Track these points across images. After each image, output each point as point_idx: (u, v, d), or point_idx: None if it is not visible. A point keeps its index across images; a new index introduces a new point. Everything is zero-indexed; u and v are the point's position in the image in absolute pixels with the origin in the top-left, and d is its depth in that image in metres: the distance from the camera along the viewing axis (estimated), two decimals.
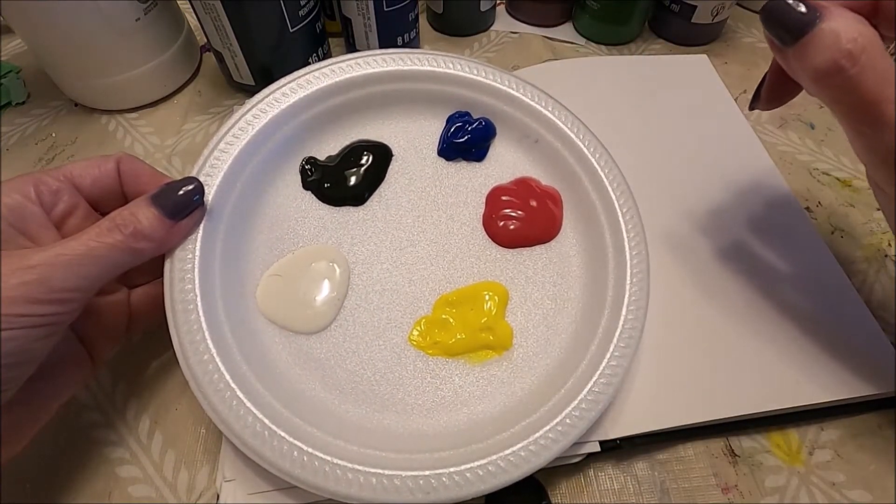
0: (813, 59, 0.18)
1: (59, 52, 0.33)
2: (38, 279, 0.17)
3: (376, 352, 0.25)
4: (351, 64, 0.28)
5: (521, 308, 0.26)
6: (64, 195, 0.21)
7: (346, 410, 0.23)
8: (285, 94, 0.27)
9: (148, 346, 0.27)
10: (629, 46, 0.43)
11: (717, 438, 0.25)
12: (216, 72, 0.39)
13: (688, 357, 0.26)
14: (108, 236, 0.19)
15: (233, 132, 0.25)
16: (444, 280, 0.26)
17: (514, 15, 0.45)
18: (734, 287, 0.28)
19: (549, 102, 0.29)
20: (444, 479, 0.20)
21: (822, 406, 0.25)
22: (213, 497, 0.23)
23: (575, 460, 0.23)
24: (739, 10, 0.46)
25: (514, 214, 0.28)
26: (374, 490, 0.20)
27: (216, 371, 0.21)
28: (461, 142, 0.29)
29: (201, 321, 0.21)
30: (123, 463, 0.24)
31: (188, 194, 0.22)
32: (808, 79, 0.18)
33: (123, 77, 0.35)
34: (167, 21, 0.36)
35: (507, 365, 0.25)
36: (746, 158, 0.34)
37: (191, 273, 0.22)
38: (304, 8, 0.34)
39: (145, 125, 0.37)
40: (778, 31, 0.19)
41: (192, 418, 0.25)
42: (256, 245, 0.26)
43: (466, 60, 0.29)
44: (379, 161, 0.29)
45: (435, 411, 0.23)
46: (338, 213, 0.28)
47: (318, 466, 0.20)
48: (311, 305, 0.25)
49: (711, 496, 0.23)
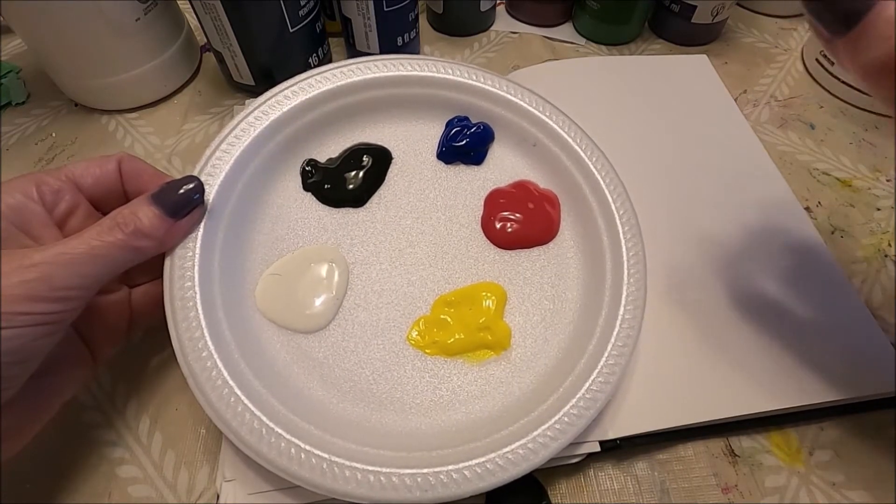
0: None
1: (59, 52, 0.33)
2: (40, 277, 0.17)
3: (375, 351, 0.25)
4: (352, 68, 0.28)
5: (520, 308, 0.26)
6: (65, 195, 0.21)
7: (345, 409, 0.23)
8: (287, 97, 0.27)
9: (148, 345, 0.27)
10: (629, 46, 0.43)
11: (717, 438, 0.25)
12: (216, 72, 0.39)
13: (687, 357, 0.26)
14: (108, 235, 0.19)
15: (235, 133, 0.25)
16: (443, 281, 0.27)
17: (514, 15, 0.45)
18: (734, 287, 0.28)
19: (547, 107, 0.29)
20: (442, 477, 0.20)
21: (822, 406, 0.25)
22: (213, 497, 0.23)
23: (575, 460, 0.23)
24: (739, 10, 0.46)
25: (512, 217, 0.28)
26: (373, 488, 0.20)
27: (214, 368, 0.21)
28: (460, 145, 0.29)
29: (200, 319, 0.22)
30: (123, 463, 0.24)
31: (188, 193, 0.22)
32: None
33: (123, 77, 0.35)
34: (167, 21, 0.36)
35: (506, 365, 0.25)
36: (746, 158, 0.34)
37: (190, 271, 0.22)
38: (304, 8, 0.34)
39: (145, 125, 0.37)
40: (825, 19, 0.16)
41: (192, 418, 0.25)
42: (256, 244, 0.26)
43: (465, 66, 0.30)
44: (379, 163, 0.29)
45: (433, 410, 0.24)
46: (337, 214, 0.28)
47: (315, 464, 0.20)
48: (310, 305, 0.25)
49: (711, 496, 0.24)
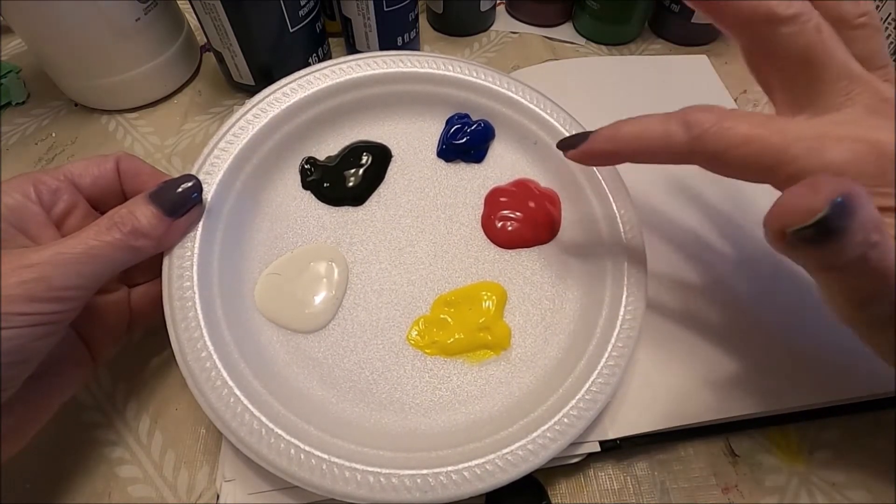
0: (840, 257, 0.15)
1: (59, 52, 0.33)
2: (38, 278, 0.17)
3: (374, 351, 0.25)
4: (351, 65, 0.28)
5: (520, 308, 0.26)
6: (64, 194, 0.21)
7: (344, 409, 0.23)
8: (286, 94, 0.27)
9: (148, 345, 0.27)
10: (629, 46, 0.43)
11: (717, 438, 0.25)
12: (216, 72, 0.39)
13: (687, 357, 0.26)
14: (106, 234, 0.19)
15: (233, 131, 0.25)
16: (443, 280, 0.26)
17: (514, 15, 0.45)
18: (734, 286, 0.28)
19: (548, 105, 0.29)
20: (442, 478, 0.20)
21: (822, 406, 0.25)
22: (213, 497, 0.23)
23: (575, 460, 0.23)
24: None
25: (512, 215, 0.28)
26: (372, 488, 0.20)
27: (214, 368, 0.21)
28: (460, 143, 0.29)
29: (199, 319, 0.21)
30: (123, 463, 0.24)
31: (186, 192, 0.22)
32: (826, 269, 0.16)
33: (123, 77, 0.35)
34: (167, 21, 0.36)
35: (505, 365, 0.25)
36: None
37: (189, 271, 0.22)
38: (304, 8, 0.34)
39: (145, 125, 0.37)
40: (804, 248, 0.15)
41: (191, 418, 0.25)
42: (255, 243, 0.26)
43: (466, 63, 0.29)
44: (378, 161, 0.29)
45: (433, 410, 0.23)
46: (337, 213, 0.28)
47: (315, 465, 0.20)
48: (309, 304, 0.25)
49: (711, 496, 0.23)
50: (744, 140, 0.17)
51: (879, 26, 0.18)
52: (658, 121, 0.19)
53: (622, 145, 0.20)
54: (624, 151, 0.20)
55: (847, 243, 0.14)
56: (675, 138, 0.18)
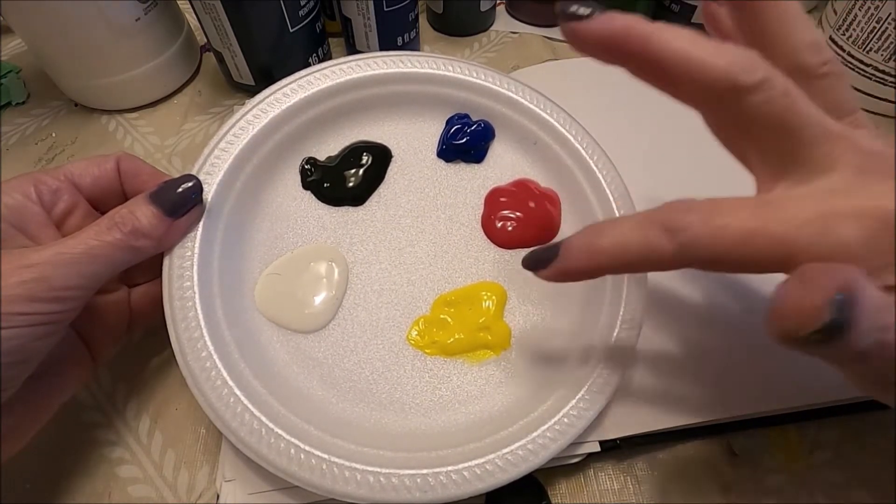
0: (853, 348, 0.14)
1: (59, 52, 0.33)
2: (38, 278, 0.17)
3: (374, 351, 0.25)
4: (352, 65, 0.28)
5: (520, 308, 0.26)
6: (64, 194, 0.21)
7: (344, 409, 0.23)
8: (286, 95, 0.27)
9: (148, 345, 0.27)
10: None
11: (717, 438, 0.25)
12: (216, 72, 0.39)
13: (688, 357, 0.26)
14: (107, 234, 0.19)
15: (233, 131, 0.25)
16: (443, 280, 0.26)
17: (514, 15, 0.45)
18: (735, 286, 0.28)
19: (548, 105, 0.29)
20: (442, 478, 0.20)
21: (822, 406, 0.25)
22: (213, 497, 0.23)
23: (575, 460, 0.23)
24: None
25: (512, 215, 0.28)
26: (372, 488, 0.20)
27: (214, 368, 0.21)
28: (460, 143, 0.29)
29: (199, 319, 0.21)
30: (123, 463, 0.24)
31: (186, 192, 0.22)
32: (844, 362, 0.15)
33: (123, 77, 0.35)
34: (167, 21, 0.36)
35: (505, 365, 0.25)
36: None
37: (189, 271, 0.22)
38: (304, 8, 0.34)
39: (145, 125, 0.37)
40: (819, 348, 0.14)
41: (192, 418, 0.25)
42: (255, 243, 0.26)
43: (466, 63, 0.29)
44: (378, 162, 0.29)
45: (433, 410, 0.23)
46: (337, 213, 0.28)
47: (315, 464, 0.20)
48: (309, 304, 0.25)
49: (711, 496, 0.23)
50: (743, 238, 0.15)
51: (842, 71, 0.17)
52: (634, 228, 0.17)
53: (603, 260, 0.17)
54: (605, 266, 0.18)
55: (856, 334, 0.13)
56: (660, 250, 0.16)
